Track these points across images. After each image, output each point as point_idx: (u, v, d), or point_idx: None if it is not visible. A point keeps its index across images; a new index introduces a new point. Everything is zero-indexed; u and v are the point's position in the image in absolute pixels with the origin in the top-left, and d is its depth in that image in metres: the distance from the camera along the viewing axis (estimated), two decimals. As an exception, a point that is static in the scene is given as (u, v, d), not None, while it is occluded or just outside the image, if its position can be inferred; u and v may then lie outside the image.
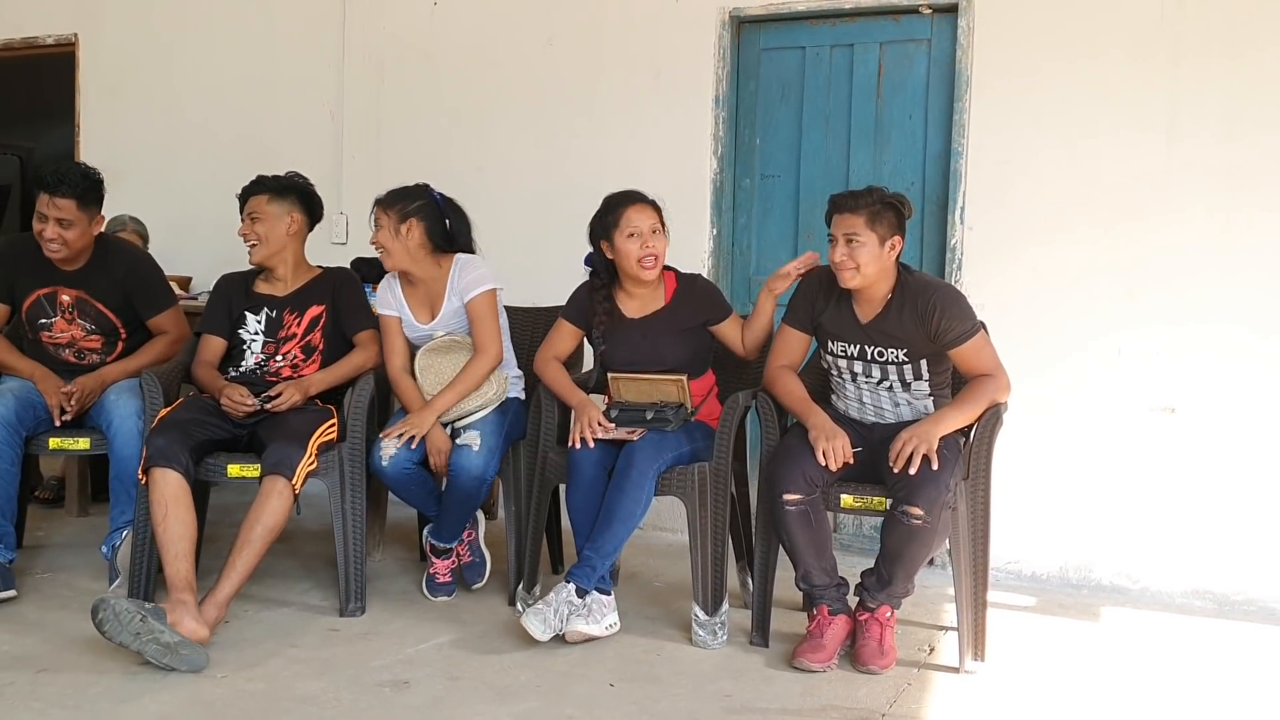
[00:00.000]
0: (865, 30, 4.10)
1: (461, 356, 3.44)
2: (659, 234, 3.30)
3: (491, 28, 4.59)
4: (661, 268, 3.34)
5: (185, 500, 3.08)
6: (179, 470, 3.08)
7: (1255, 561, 3.62)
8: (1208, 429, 3.65)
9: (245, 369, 3.47)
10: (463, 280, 3.45)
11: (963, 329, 3.02)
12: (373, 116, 4.80)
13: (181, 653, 2.78)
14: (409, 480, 3.36)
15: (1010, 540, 3.79)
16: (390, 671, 2.90)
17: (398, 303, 3.52)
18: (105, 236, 3.68)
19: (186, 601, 2.90)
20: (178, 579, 2.95)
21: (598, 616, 3.09)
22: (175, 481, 3.07)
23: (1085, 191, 3.76)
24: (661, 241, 3.31)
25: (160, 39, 5.19)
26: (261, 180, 3.53)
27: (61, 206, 3.43)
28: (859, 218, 3.00)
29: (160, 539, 3.03)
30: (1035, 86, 3.80)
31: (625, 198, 3.35)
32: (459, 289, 3.45)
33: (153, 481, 3.08)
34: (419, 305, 3.51)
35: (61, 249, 3.49)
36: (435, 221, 3.45)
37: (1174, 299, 3.67)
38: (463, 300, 3.44)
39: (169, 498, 3.05)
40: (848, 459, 2.99)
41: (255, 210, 3.47)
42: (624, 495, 3.08)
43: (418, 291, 3.51)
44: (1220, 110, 3.60)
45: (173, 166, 5.17)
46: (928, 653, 3.18)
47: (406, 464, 3.32)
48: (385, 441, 3.31)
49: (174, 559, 2.99)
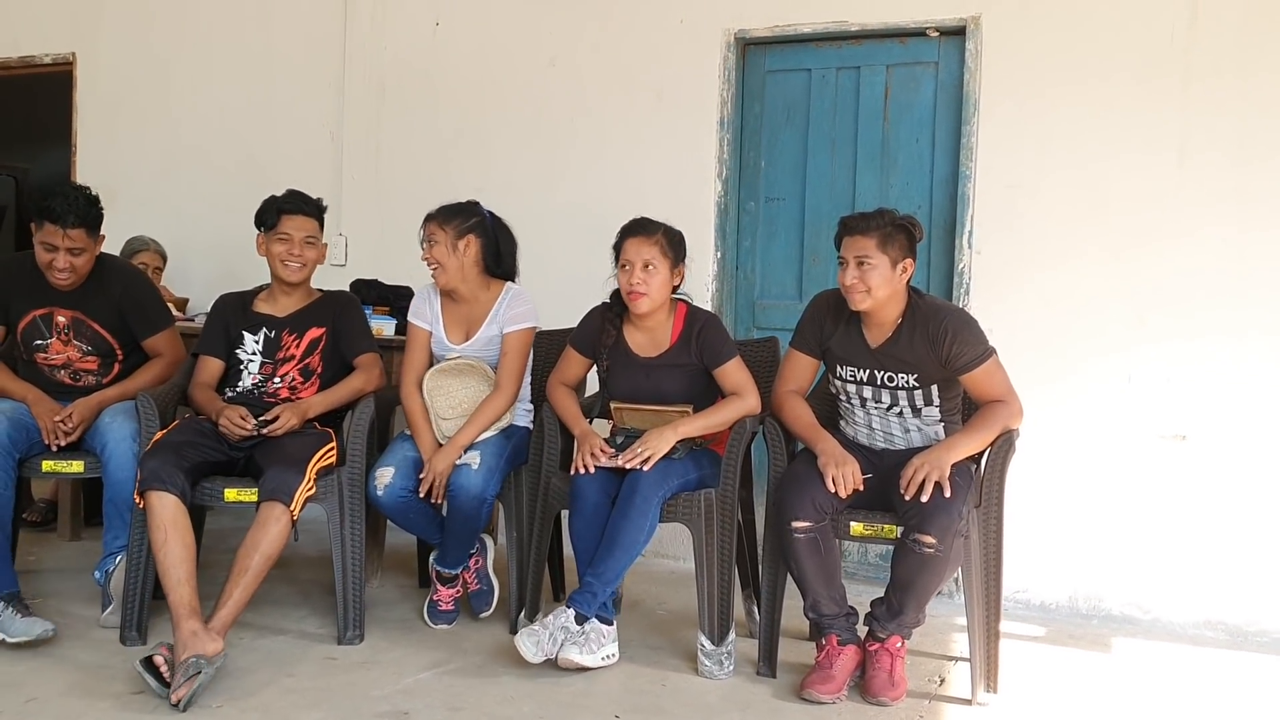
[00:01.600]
0: (871, 53, 4.08)
1: (472, 381, 3.40)
2: (652, 269, 3.18)
3: (493, 49, 4.57)
4: (655, 304, 3.21)
5: (184, 523, 3.02)
6: (175, 493, 3.03)
7: (1269, 592, 3.56)
8: (1220, 457, 3.61)
9: (242, 389, 3.42)
10: (510, 311, 3.43)
11: (974, 354, 2.98)
12: (373, 138, 4.77)
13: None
14: (406, 509, 3.30)
15: (1019, 569, 3.73)
16: (389, 702, 2.83)
17: (433, 317, 3.48)
18: (99, 255, 3.63)
19: (196, 631, 2.82)
20: (182, 605, 2.88)
21: (594, 646, 3.02)
22: (173, 504, 3.02)
23: (1095, 215, 3.73)
24: (655, 277, 3.18)
25: (159, 59, 5.16)
26: (309, 204, 3.49)
27: (74, 237, 3.39)
28: (870, 240, 2.96)
29: (161, 564, 2.97)
30: (1044, 109, 3.78)
31: (630, 228, 3.27)
32: (503, 318, 3.43)
33: (149, 505, 3.02)
34: (455, 324, 3.48)
35: (71, 276, 3.45)
36: (489, 240, 3.45)
37: (1185, 324, 3.64)
38: (502, 330, 3.41)
39: (168, 521, 2.99)
40: (858, 486, 2.93)
41: (313, 235, 3.46)
42: (628, 522, 3.02)
43: (458, 311, 3.48)
44: (1231, 133, 3.57)
45: (170, 187, 5.13)
46: (939, 684, 3.12)
47: (402, 492, 3.27)
48: (380, 470, 3.27)
49: (177, 584, 2.92)
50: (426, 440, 3.34)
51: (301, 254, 3.42)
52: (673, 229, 3.28)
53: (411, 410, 3.40)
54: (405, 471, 3.29)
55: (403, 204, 4.70)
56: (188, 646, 2.76)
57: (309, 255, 3.44)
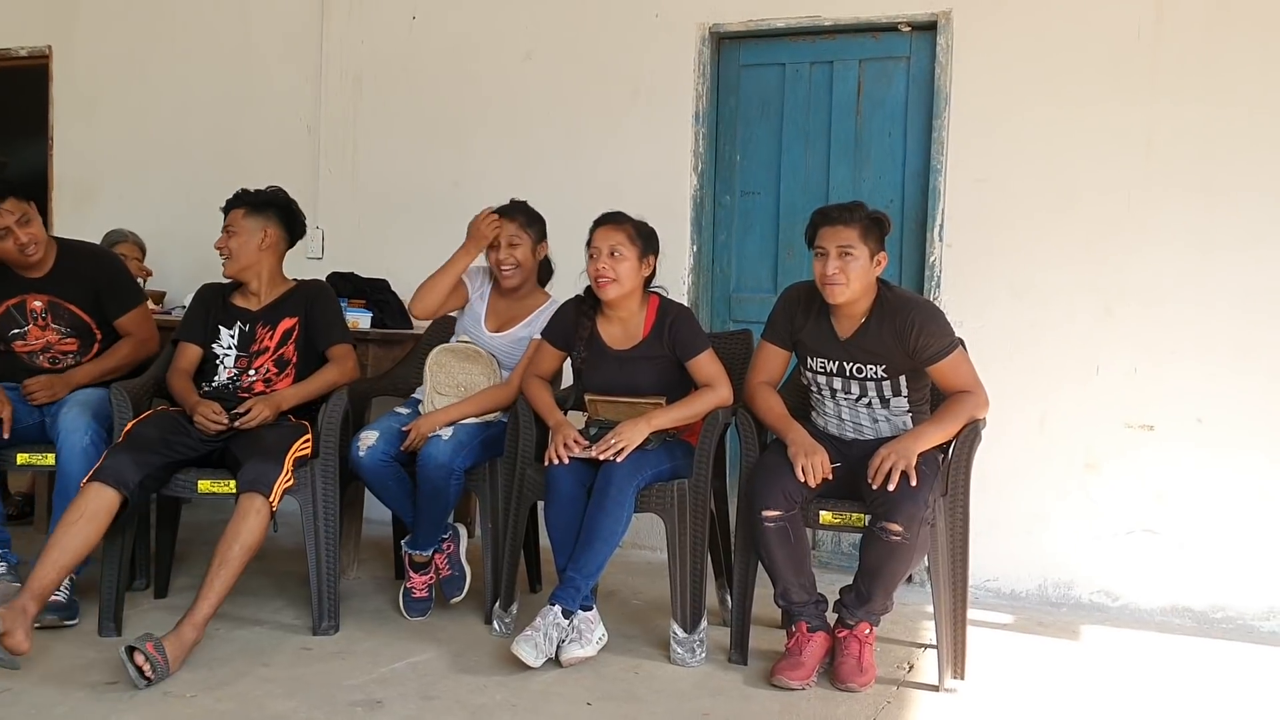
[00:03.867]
0: (845, 47, 4.11)
1: (475, 368, 3.47)
2: (619, 255, 3.20)
3: (470, 42, 4.58)
4: (624, 290, 3.23)
5: (102, 521, 2.98)
6: (121, 492, 3.00)
7: (1234, 579, 3.62)
8: (1186, 446, 3.66)
9: (218, 384, 3.43)
10: (542, 319, 3.50)
11: (941, 345, 3.02)
12: (350, 131, 4.77)
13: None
14: (385, 474, 3.33)
15: (990, 558, 3.78)
16: (363, 691, 2.85)
17: (480, 294, 3.59)
18: (62, 239, 3.66)
19: (28, 610, 2.79)
20: (40, 586, 2.85)
21: (588, 635, 3.06)
22: (107, 500, 2.98)
23: (1063, 207, 3.77)
24: (623, 264, 3.20)
25: (135, 51, 5.15)
26: (241, 194, 3.51)
27: (9, 209, 3.42)
28: (853, 230, 2.99)
29: (52, 540, 2.93)
30: (1013, 104, 3.82)
31: (600, 219, 3.32)
32: (538, 325, 3.50)
33: (84, 489, 3.00)
34: (494, 313, 3.57)
35: (37, 248, 3.47)
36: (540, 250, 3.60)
37: (1152, 316, 3.68)
38: (532, 335, 3.51)
39: (88, 511, 2.96)
40: (826, 475, 2.97)
41: (231, 224, 3.46)
42: (605, 514, 3.05)
43: (502, 303, 3.57)
44: (1198, 126, 3.62)
45: (147, 180, 5.12)
46: (907, 670, 3.16)
47: (383, 457, 3.31)
48: (364, 433, 3.31)
49: (50, 566, 2.88)
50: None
51: (224, 245, 3.45)
52: (644, 222, 3.31)
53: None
54: (389, 438, 3.33)
55: (379, 197, 4.73)
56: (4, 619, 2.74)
57: (232, 245, 3.44)
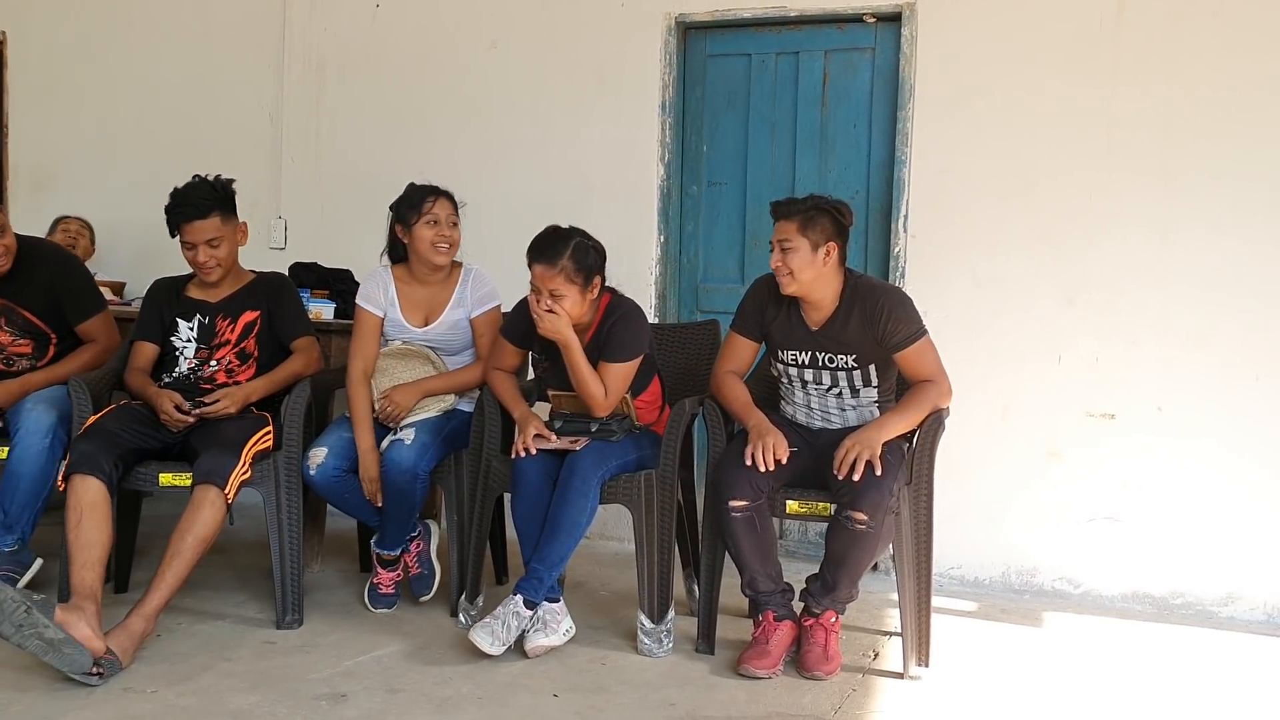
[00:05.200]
0: (810, 38, 4.11)
1: (419, 367, 3.41)
2: (559, 296, 3.08)
3: (435, 30, 4.54)
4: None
5: (103, 508, 2.98)
6: (101, 478, 2.99)
7: (1193, 566, 3.67)
8: (1147, 434, 3.70)
9: (179, 375, 3.39)
10: (476, 293, 3.44)
11: (909, 331, 3.04)
12: (312, 119, 4.73)
13: (64, 651, 2.66)
14: (340, 488, 3.29)
15: (953, 546, 3.81)
16: (328, 684, 2.84)
17: (388, 301, 3.45)
18: (23, 238, 3.58)
19: (85, 608, 2.77)
20: (82, 586, 2.83)
21: (554, 625, 3.06)
22: (95, 488, 2.98)
23: (1025, 198, 3.80)
24: (564, 301, 3.08)
25: (92, 37, 5.07)
26: (206, 200, 3.29)
27: None
28: (791, 224, 3.02)
29: (71, 545, 2.92)
30: (977, 95, 3.83)
31: (534, 251, 3.15)
32: (470, 300, 3.43)
33: (71, 488, 2.98)
34: (414, 308, 3.46)
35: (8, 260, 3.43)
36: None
37: (1113, 305, 3.72)
38: (470, 313, 3.42)
39: (85, 504, 2.95)
40: (779, 458, 2.96)
41: (215, 235, 3.30)
42: (568, 505, 3.04)
43: (416, 294, 3.46)
44: (1158, 119, 3.65)
45: (106, 168, 5.05)
46: (872, 658, 3.18)
47: (335, 472, 3.26)
48: (313, 450, 3.26)
49: (81, 566, 2.87)
50: (366, 440, 3.28)
51: (211, 256, 3.32)
52: (583, 243, 3.13)
53: (356, 401, 3.34)
54: (339, 451, 3.28)
55: (342, 186, 4.68)
56: (66, 616, 2.70)
57: (220, 254, 3.33)
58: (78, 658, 2.68)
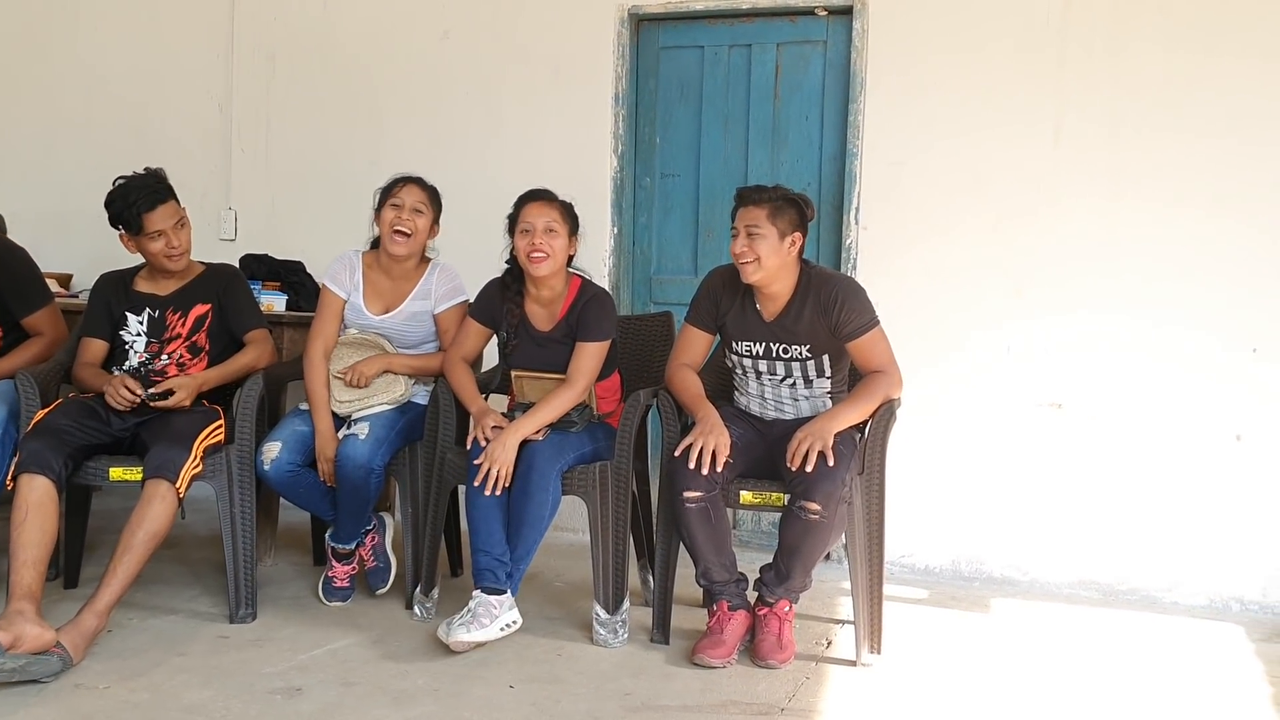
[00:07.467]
0: (762, 31, 4.13)
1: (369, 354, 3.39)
2: (554, 233, 3.19)
3: (386, 20, 4.51)
4: (556, 267, 3.21)
5: (49, 508, 2.93)
6: (50, 477, 2.95)
7: (1138, 552, 3.74)
8: (1093, 424, 3.77)
9: (129, 368, 3.34)
10: (441, 288, 3.43)
11: (861, 321, 3.07)
12: (263, 110, 4.68)
13: (31, 669, 2.65)
14: (294, 483, 3.27)
15: (903, 534, 3.86)
16: (282, 678, 2.82)
17: (352, 285, 3.43)
18: None
19: (24, 610, 2.73)
20: (19, 587, 2.80)
21: (484, 619, 2.95)
22: (42, 487, 2.94)
23: (975, 191, 3.85)
24: (557, 240, 3.19)
25: (37, 25, 4.97)
26: (161, 185, 3.31)
27: None
28: (761, 210, 3.03)
29: (12, 544, 2.88)
30: (927, 88, 3.88)
31: (529, 194, 3.29)
32: (435, 294, 3.42)
33: (18, 487, 2.94)
34: (376, 296, 3.44)
35: None
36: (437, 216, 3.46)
37: (1061, 297, 3.78)
38: (434, 307, 3.41)
39: (31, 503, 2.91)
40: (718, 462, 2.96)
41: (179, 218, 3.32)
42: (530, 499, 3.04)
43: (382, 282, 3.45)
44: (1105, 113, 3.71)
45: (50, 158, 4.97)
46: (825, 646, 3.22)
47: (289, 467, 3.24)
48: (267, 445, 3.24)
49: (21, 565, 2.83)
50: (324, 421, 3.30)
51: (179, 243, 3.32)
52: (567, 201, 3.30)
53: (313, 381, 3.35)
54: (293, 446, 3.26)
55: (293, 177, 4.64)
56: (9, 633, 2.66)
57: (185, 239, 3.34)
58: (46, 667, 2.68)
